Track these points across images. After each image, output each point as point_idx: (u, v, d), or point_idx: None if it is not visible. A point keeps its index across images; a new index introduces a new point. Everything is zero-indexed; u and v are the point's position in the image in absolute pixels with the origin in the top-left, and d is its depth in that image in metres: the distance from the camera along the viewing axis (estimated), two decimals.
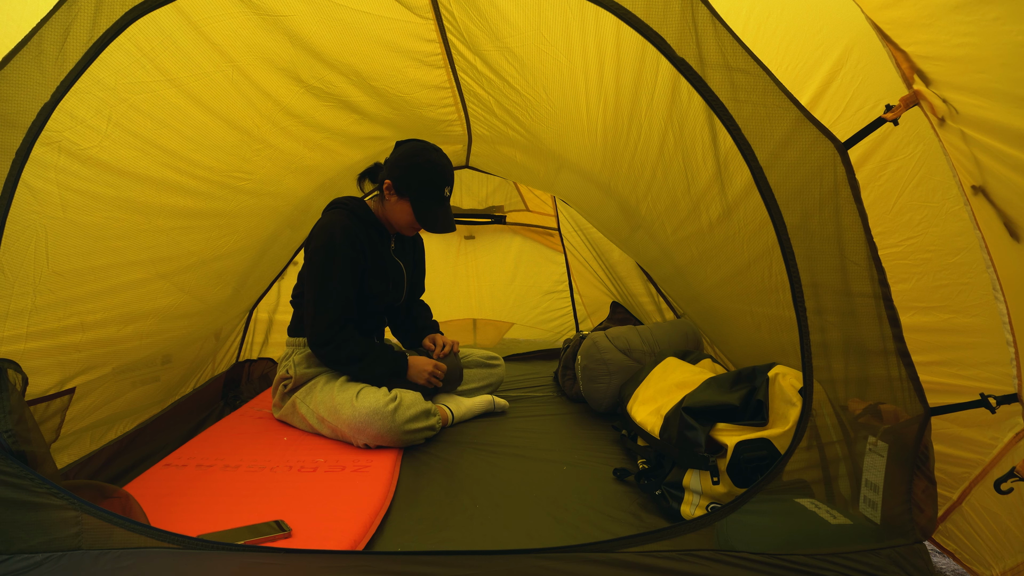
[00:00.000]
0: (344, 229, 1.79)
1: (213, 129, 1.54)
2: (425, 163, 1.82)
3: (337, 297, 1.78)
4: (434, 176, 1.82)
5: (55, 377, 1.33)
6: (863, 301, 1.06)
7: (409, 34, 1.62)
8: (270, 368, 2.67)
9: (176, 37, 1.31)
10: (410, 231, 1.93)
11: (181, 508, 1.27)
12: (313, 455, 1.62)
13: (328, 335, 1.78)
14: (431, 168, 1.82)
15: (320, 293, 1.78)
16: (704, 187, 1.47)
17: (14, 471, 0.98)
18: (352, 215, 1.85)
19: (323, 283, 1.78)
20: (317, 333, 1.79)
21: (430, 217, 1.84)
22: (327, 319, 1.78)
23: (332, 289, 1.77)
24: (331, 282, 1.77)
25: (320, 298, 1.78)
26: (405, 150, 1.84)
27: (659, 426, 1.43)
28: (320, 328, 1.78)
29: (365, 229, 1.86)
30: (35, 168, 1.13)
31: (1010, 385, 1.04)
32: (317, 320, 1.78)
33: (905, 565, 1.00)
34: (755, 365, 1.35)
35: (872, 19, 1.04)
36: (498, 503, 1.35)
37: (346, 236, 1.79)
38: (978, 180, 0.99)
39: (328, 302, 1.77)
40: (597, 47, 1.40)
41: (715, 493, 1.22)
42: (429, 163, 1.82)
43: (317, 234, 1.82)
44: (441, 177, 1.83)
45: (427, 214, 1.83)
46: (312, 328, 1.79)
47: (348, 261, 1.79)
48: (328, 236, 1.78)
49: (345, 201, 1.90)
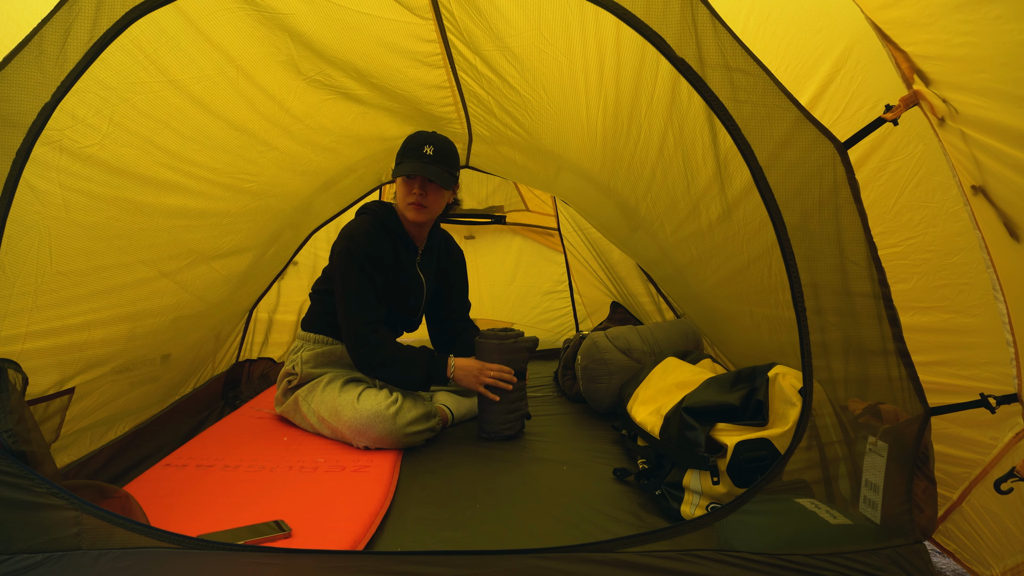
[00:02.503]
0: (366, 236, 1.79)
1: (213, 130, 1.55)
2: (408, 137, 1.82)
3: (363, 301, 1.77)
4: (412, 138, 1.81)
5: (55, 377, 1.33)
6: (863, 301, 1.06)
7: (409, 35, 1.62)
8: (270, 368, 2.67)
9: (177, 37, 1.31)
10: (412, 210, 1.80)
11: (181, 508, 1.27)
12: (313, 455, 1.62)
13: (362, 338, 1.77)
14: (413, 136, 1.81)
15: (349, 298, 1.78)
16: (704, 187, 1.47)
17: (14, 471, 0.98)
18: (378, 223, 1.84)
19: (350, 288, 1.77)
20: (351, 338, 1.79)
21: (405, 168, 1.77)
22: (359, 320, 1.77)
23: (361, 294, 1.77)
24: (360, 287, 1.77)
25: (350, 303, 1.78)
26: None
27: (659, 426, 1.43)
28: (352, 333, 1.78)
29: (390, 239, 1.85)
30: (36, 168, 1.12)
31: (1010, 385, 1.04)
32: (349, 326, 1.79)
33: (905, 565, 1.00)
34: (755, 365, 1.36)
35: (872, 19, 1.04)
36: (498, 503, 1.35)
37: (367, 242, 1.78)
38: (978, 180, 0.99)
39: (362, 305, 1.78)
40: (597, 47, 1.40)
41: (715, 493, 1.22)
42: (413, 135, 1.82)
43: (340, 239, 1.82)
44: (420, 137, 1.80)
45: (402, 167, 1.77)
46: (347, 334, 1.80)
47: (369, 267, 1.78)
48: (353, 245, 1.77)
49: (374, 207, 1.89)
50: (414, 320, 2.05)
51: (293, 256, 2.63)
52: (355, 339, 1.78)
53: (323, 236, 2.71)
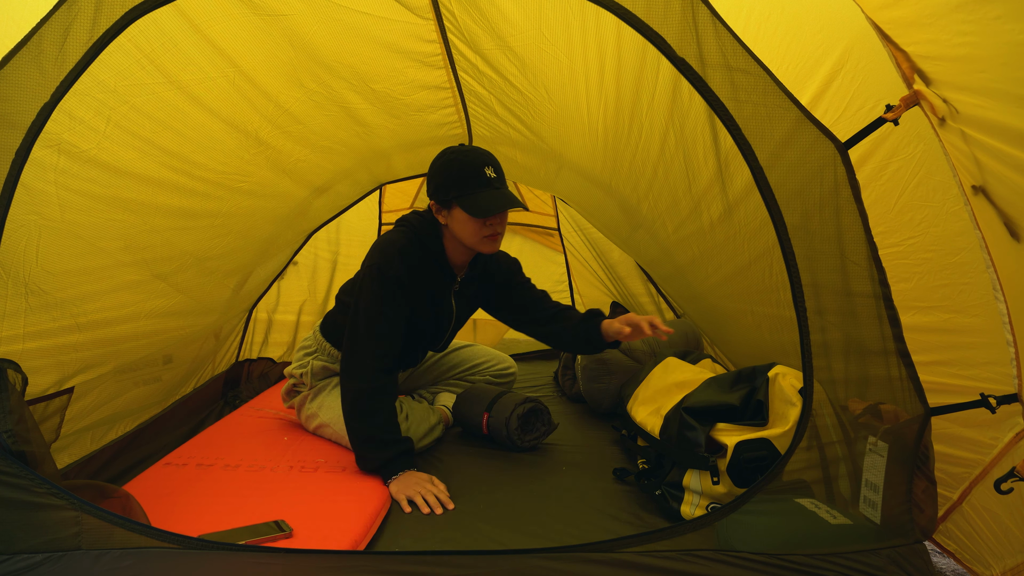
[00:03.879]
0: (401, 257, 1.55)
1: (213, 130, 1.54)
2: (451, 155, 1.56)
3: (380, 329, 1.54)
4: (465, 160, 1.54)
5: (53, 377, 1.33)
6: (863, 301, 1.06)
7: (409, 35, 1.62)
8: (270, 368, 2.67)
9: (176, 38, 1.30)
10: (486, 243, 1.57)
11: (181, 508, 1.27)
12: (313, 455, 1.62)
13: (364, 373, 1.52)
14: (459, 156, 1.56)
15: (363, 321, 1.54)
16: (705, 186, 1.47)
17: (14, 471, 0.98)
18: (417, 241, 1.59)
19: (366, 310, 1.54)
20: (352, 366, 1.55)
21: (480, 203, 1.51)
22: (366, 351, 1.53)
23: (374, 319, 1.53)
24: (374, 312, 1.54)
25: (361, 326, 1.54)
26: (432, 163, 1.60)
27: (659, 426, 1.43)
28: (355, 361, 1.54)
29: (428, 264, 1.60)
30: (33, 169, 1.12)
31: (1010, 385, 1.05)
32: (353, 350, 1.55)
33: (905, 565, 1.00)
34: (755, 365, 1.36)
35: (872, 19, 1.04)
36: (498, 503, 1.35)
37: (402, 263, 1.54)
38: (978, 180, 0.99)
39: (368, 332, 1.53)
40: (598, 47, 1.40)
41: (715, 493, 1.22)
42: (455, 152, 1.57)
43: (374, 252, 1.59)
44: (474, 157, 1.55)
45: (474, 202, 1.51)
46: (349, 357, 1.56)
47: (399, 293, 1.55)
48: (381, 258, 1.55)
49: (415, 222, 1.62)
50: (438, 346, 1.89)
51: (293, 256, 2.63)
52: (357, 370, 1.53)
53: (323, 236, 2.72)
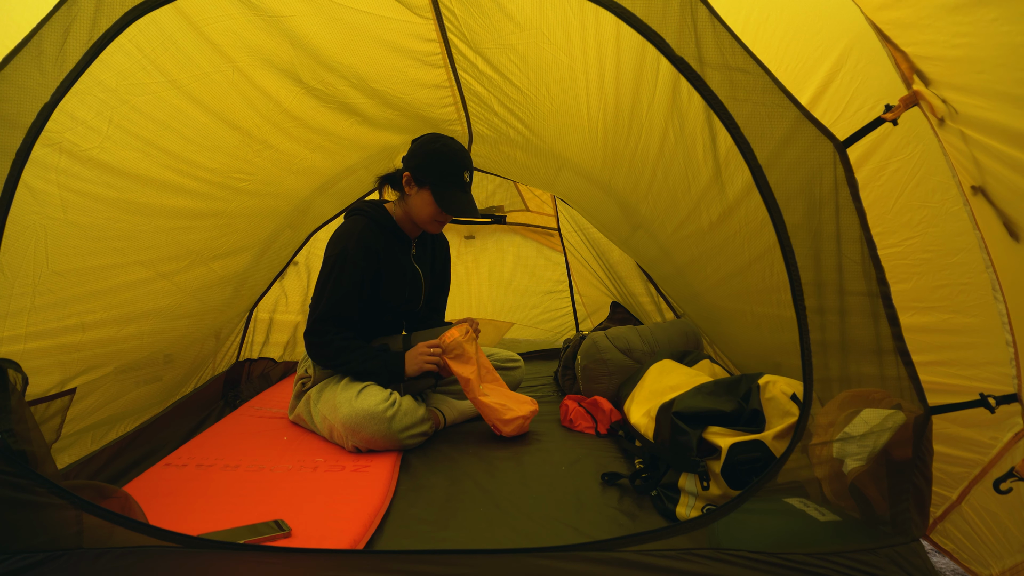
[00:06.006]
0: (359, 238, 1.81)
1: (214, 130, 1.54)
2: (441, 148, 1.81)
3: (331, 297, 1.79)
4: (451, 159, 1.81)
5: (56, 377, 1.33)
6: (863, 300, 1.06)
7: (409, 34, 1.62)
8: (270, 368, 2.67)
9: (176, 38, 1.31)
10: (434, 225, 1.89)
11: (181, 508, 1.28)
12: (313, 455, 1.62)
13: (316, 328, 1.81)
14: (448, 152, 1.81)
15: (319, 291, 1.82)
16: (704, 186, 1.47)
17: (14, 471, 0.98)
18: (371, 222, 1.86)
19: (323, 284, 1.81)
20: (312, 325, 1.82)
21: (451, 201, 1.80)
22: (317, 313, 1.80)
23: (330, 290, 1.80)
24: (330, 285, 1.80)
25: (318, 295, 1.82)
26: (421, 141, 1.85)
27: (652, 428, 1.43)
28: (311, 322, 1.82)
29: (384, 236, 1.88)
30: (35, 169, 1.13)
31: (1010, 385, 1.05)
32: (311, 315, 1.83)
33: (904, 564, 1.00)
34: (743, 374, 1.35)
35: (871, 19, 1.04)
36: (497, 503, 1.35)
37: (360, 245, 1.80)
38: (977, 180, 0.99)
39: (322, 300, 1.80)
40: (597, 46, 1.40)
41: (710, 495, 1.22)
42: (445, 147, 1.81)
43: (334, 241, 1.84)
44: (459, 159, 1.81)
45: (447, 197, 1.80)
46: (309, 320, 1.84)
47: (357, 271, 1.80)
48: (342, 246, 1.80)
49: (365, 208, 1.90)
50: (416, 312, 2.06)
51: (293, 256, 2.64)
52: (310, 328, 1.80)
53: (323, 236, 2.70)
